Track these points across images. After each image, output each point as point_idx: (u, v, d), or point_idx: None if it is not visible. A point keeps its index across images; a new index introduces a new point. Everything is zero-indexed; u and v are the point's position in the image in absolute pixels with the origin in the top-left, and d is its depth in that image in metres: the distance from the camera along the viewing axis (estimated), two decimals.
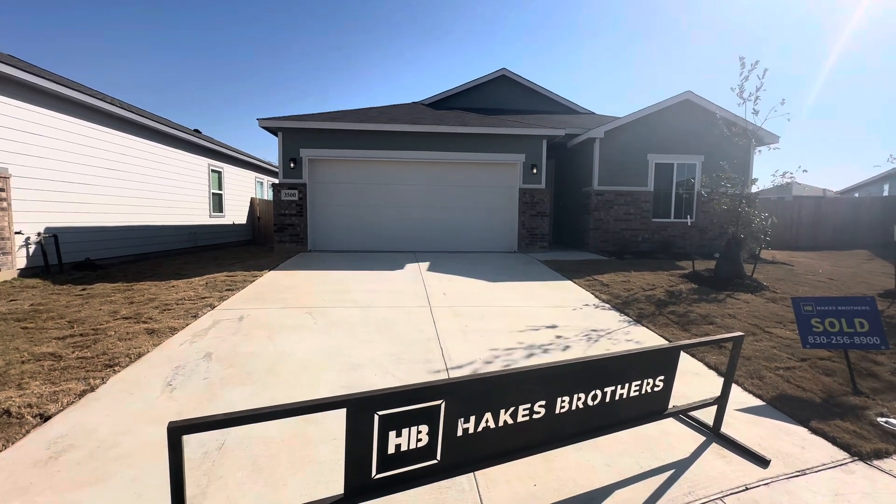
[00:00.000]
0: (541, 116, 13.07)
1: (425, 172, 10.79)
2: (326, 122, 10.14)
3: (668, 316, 5.53)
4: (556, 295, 6.55)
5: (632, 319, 5.44)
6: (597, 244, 11.04)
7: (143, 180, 10.41)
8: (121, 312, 5.12)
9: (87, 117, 8.63)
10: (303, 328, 4.63)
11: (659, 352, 2.50)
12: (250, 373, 3.46)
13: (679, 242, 11.22)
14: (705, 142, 10.78)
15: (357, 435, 1.71)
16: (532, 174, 10.75)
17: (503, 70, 14.10)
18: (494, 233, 10.96)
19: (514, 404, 2.07)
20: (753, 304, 6.07)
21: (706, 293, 6.66)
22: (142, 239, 10.34)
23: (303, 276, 7.42)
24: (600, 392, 2.31)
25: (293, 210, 10.22)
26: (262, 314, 5.08)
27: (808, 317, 3.88)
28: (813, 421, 3.12)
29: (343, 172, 10.58)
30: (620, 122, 10.81)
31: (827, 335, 3.78)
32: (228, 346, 4.03)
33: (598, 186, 10.99)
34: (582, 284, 7.19)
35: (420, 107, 13.25)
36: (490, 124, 10.79)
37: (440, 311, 5.46)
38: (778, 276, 8.10)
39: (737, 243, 7.23)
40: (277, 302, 5.65)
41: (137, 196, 10.17)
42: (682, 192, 11.18)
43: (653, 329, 5.06)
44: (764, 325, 5.18)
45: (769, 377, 3.79)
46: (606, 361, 2.31)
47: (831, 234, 15.98)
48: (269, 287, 6.49)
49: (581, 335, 4.76)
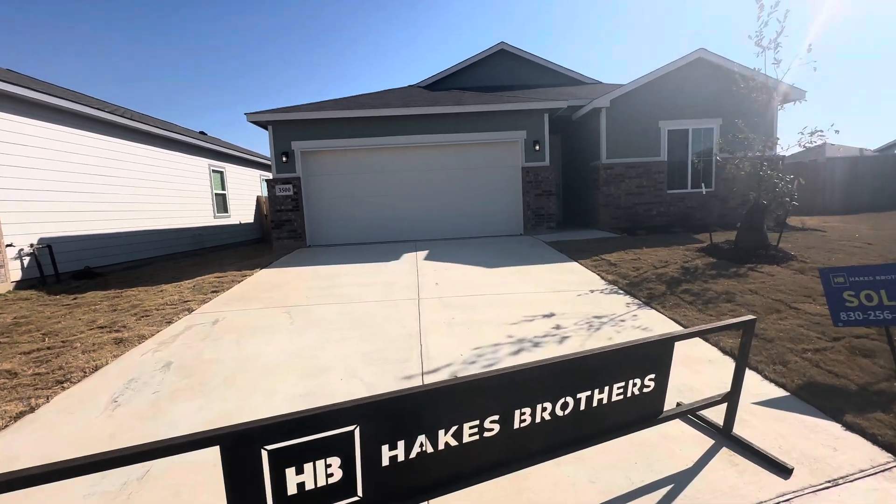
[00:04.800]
0: (544, 90, 12.36)
1: (423, 157, 10.34)
2: (316, 111, 9.78)
3: (681, 296, 5.00)
4: (558, 279, 6.08)
5: (640, 302, 4.94)
6: (608, 221, 10.41)
7: (141, 185, 10.33)
8: (98, 322, 4.94)
9: (75, 124, 8.52)
10: (277, 329, 4.34)
11: (647, 346, 2.06)
12: (205, 383, 3.18)
13: (698, 214, 10.47)
14: (723, 103, 9.92)
15: (239, 477, 1.35)
16: (535, 151, 10.16)
17: (502, 44, 13.38)
18: (498, 216, 10.46)
19: (457, 422, 1.68)
20: (779, 277, 5.46)
21: (725, 267, 6.06)
22: (142, 244, 10.30)
23: (294, 272, 7.16)
24: (572, 399, 1.90)
25: (289, 205, 9.97)
26: (238, 316, 4.82)
27: (840, 290, 3.32)
28: (847, 414, 2.62)
29: (337, 163, 10.24)
30: (627, 88, 10.04)
31: (863, 310, 3.23)
32: (193, 353, 3.77)
33: (606, 160, 10.31)
34: (588, 265, 6.68)
35: (416, 90, 12.73)
36: (487, 101, 10.22)
37: (429, 302, 5.09)
38: (808, 244, 7.37)
39: (759, 210, 6.56)
40: (259, 302, 5.38)
41: (135, 201, 10.10)
42: (698, 159, 10.38)
43: (663, 312, 4.56)
44: (790, 300, 4.60)
45: (795, 362, 3.27)
46: (579, 362, 1.88)
47: (869, 195, 14.79)
48: (255, 286, 6.24)
49: (582, 323, 4.31)
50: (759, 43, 6.21)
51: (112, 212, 9.41)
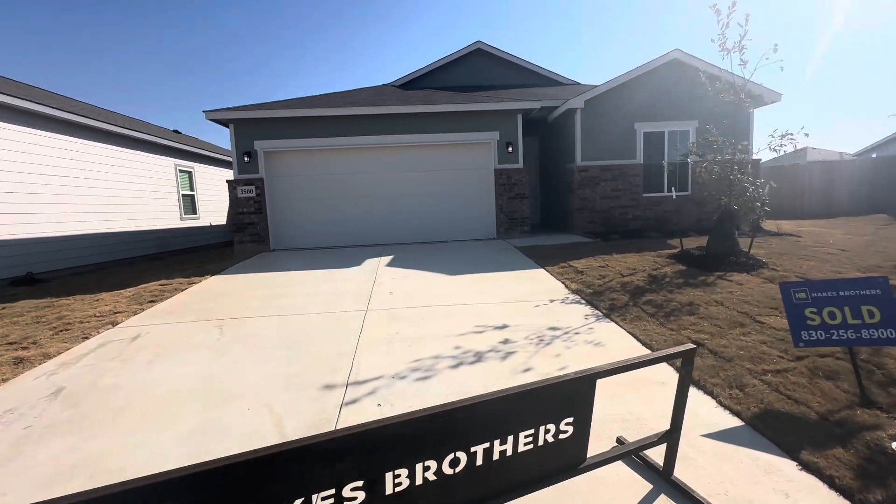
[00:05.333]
0: (520, 91, 12.09)
1: (393, 158, 9.98)
2: (280, 109, 9.36)
3: (644, 307, 4.71)
4: (520, 287, 5.77)
5: (600, 313, 4.65)
6: (583, 225, 10.15)
7: (97, 185, 9.79)
8: (10, 337, 4.48)
9: (16, 121, 7.99)
10: (200, 347, 3.94)
11: (562, 385, 1.73)
12: (88, 416, 2.78)
13: (674, 218, 10.28)
14: (699, 106, 9.72)
15: None
16: (508, 153, 9.86)
17: (478, 43, 13.08)
18: (471, 219, 10.14)
19: (304, 495, 1.32)
20: (747, 287, 5.21)
21: (694, 276, 5.81)
22: (97, 248, 9.76)
23: (244, 280, 6.74)
24: (465, 454, 1.56)
25: (251, 207, 9.53)
26: (164, 331, 4.41)
27: (802, 306, 3.05)
28: (805, 450, 2.33)
29: (303, 164, 9.82)
30: (601, 89, 9.80)
31: (826, 329, 2.96)
32: (93, 376, 3.36)
33: (581, 162, 10.06)
34: (554, 273, 6.39)
35: (389, 89, 12.37)
36: (458, 101, 9.90)
37: (376, 315, 4.73)
38: (781, 250, 7.18)
39: (729, 216, 6.33)
40: (194, 314, 4.97)
41: (88, 202, 9.56)
42: (674, 162, 10.19)
43: (622, 325, 4.27)
44: (755, 312, 4.34)
45: (753, 386, 2.99)
46: (470, 409, 1.55)
47: (846, 199, 14.82)
48: (197, 296, 5.82)
49: (533, 337, 4.00)
50: (724, 46, 5.98)
51: (63, 213, 8.87)
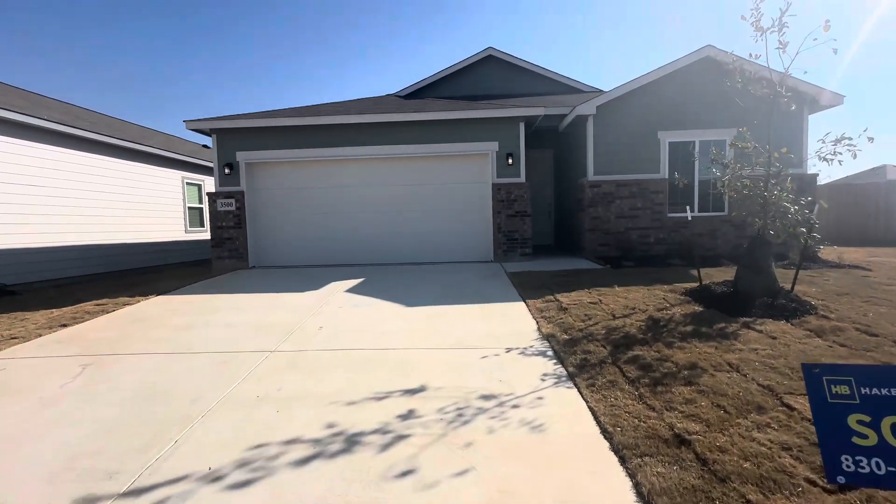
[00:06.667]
0: (534, 99, 11.00)
1: (382, 171, 9.18)
2: (262, 119, 8.86)
3: (625, 366, 3.46)
4: (481, 327, 4.65)
5: (564, 373, 3.46)
6: (594, 248, 8.79)
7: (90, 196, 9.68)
8: None
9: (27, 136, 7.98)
10: (27, 396, 3.16)
11: None
12: None
13: (707, 243, 8.69)
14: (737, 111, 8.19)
15: None
16: (508, 166, 8.77)
17: (489, 49, 12.16)
18: (466, 239, 9.08)
19: None
20: (780, 342, 3.80)
21: (710, 322, 4.42)
22: (85, 260, 9.59)
23: (181, 303, 6.06)
24: None
25: (231, 222, 9.01)
26: (20, 367, 3.70)
27: (844, 410, 1.78)
28: None
29: (286, 177, 9.23)
30: (616, 93, 8.51)
31: (886, 454, 1.68)
32: None
33: (593, 176, 8.76)
34: (533, 309, 5.21)
35: (390, 98, 11.68)
36: (452, 108, 8.98)
37: (276, 360, 3.80)
38: (840, 289, 5.55)
39: (763, 243, 4.89)
40: (79, 346, 4.26)
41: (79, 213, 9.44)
42: (707, 178, 8.65)
43: (585, 394, 3.06)
44: (784, 387, 2.98)
45: None
46: None
47: None
48: (114, 321, 5.17)
49: (450, 409, 2.89)
50: (758, 25, 4.66)
51: (43, 224, 8.75)
